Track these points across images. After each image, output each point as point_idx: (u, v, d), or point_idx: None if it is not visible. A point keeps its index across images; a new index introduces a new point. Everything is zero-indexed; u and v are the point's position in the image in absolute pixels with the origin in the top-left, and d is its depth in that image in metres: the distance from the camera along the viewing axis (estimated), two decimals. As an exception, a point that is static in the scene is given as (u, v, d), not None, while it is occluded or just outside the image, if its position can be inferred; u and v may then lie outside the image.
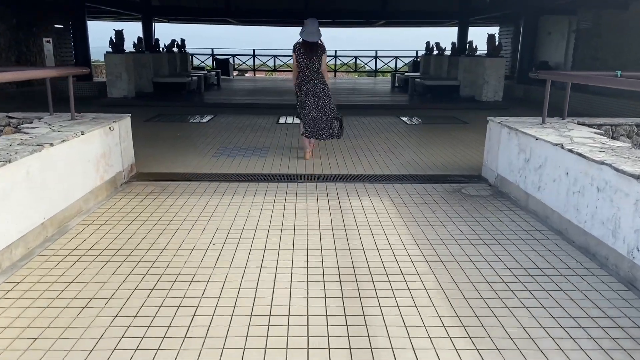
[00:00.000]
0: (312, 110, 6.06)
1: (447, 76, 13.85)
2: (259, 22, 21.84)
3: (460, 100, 11.98)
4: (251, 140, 7.41)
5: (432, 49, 16.60)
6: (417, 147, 6.97)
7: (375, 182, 5.20)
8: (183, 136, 7.60)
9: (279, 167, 5.79)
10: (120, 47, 10.82)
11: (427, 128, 8.66)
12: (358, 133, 8.10)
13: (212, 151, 6.59)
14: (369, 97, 13.23)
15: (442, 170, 5.70)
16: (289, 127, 8.58)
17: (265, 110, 10.59)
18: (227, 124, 8.88)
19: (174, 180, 5.16)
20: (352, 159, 6.26)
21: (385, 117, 9.97)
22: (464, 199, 4.64)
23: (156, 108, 10.50)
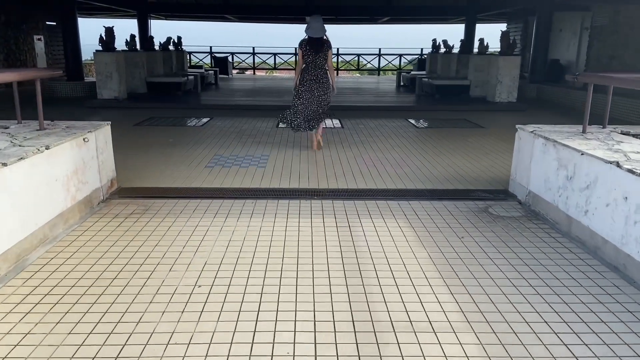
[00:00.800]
0: (307, 105, 6.36)
1: (456, 75, 13.21)
2: (258, 19, 21.19)
3: (471, 101, 11.34)
4: (249, 146, 6.78)
5: (438, 47, 15.93)
6: (431, 156, 6.33)
7: (388, 198, 4.57)
8: (175, 143, 6.97)
9: (280, 179, 5.17)
10: (110, 45, 10.20)
11: (439, 133, 8.02)
12: (365, 138, 7.47)
13: (205, 160, 5.97)
14: (374, 97, 12.60)
15: (463, 184, 5.07)
16: (290, 132, 7.94)
17: (264, 113, 9.95)
18: (224, 127, 8.25)
19: (160, 197, 4.53)
20: (360, 169, 5.64)
21: (392, 119, 9.33)
22: (493, 221, 4.01)
23: (149, 110, 9.87)
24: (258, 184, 5.00)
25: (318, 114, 6.40)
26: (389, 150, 6.65)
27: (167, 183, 5.00)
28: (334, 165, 5.82)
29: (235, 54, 21.84)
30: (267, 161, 5.97)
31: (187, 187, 4.85)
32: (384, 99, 12.25)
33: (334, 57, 21.75)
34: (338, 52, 21.93)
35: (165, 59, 14.19)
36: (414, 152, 6.54)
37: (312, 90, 6.29)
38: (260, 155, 6.24)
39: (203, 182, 5.03)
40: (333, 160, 6.07)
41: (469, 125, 8.72)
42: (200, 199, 4.47)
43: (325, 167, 5.70)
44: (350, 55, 23.06)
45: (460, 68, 13.09)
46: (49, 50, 16.50)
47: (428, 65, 15.98)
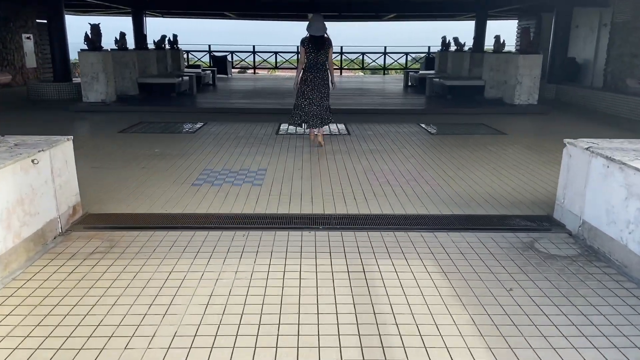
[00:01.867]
0: (309, 103, 6.45)
1: (469, 75, 12.37)
2: (259, 17, 20.37)
3: (487, 103, 10.51)
4: (245, 157, 5.98)
5: (448, 45, 15.12)
6: (452, 169, 5.52)
7: (408, 227, 3.77)
8: (161, 153, 6.17)
9: (278, 202, 4.37)
10: (97, 43, 9.40)
11: (456, 140, 7.20)
12: (374, 147, 6.66)
13: (193, 176, 5.17)
14: (381, 99, 11.78)
15: (495, 207, 4.26)
16: (291, 139, 7.14)
17: (263, 117, 9.16)
18: (218, 134, 7.45)
19: (132, 227, 3.74)
20: (371, 187, 4.83)
21: (402, 124, 8.51)
22: (543, 262, 3.20)
23: (138, 114, 9.07)
24: (252, 208, 4.20)
25: (322, 111, 6.53)
26: (402, 162, 5.84)
27: (144, 207, 4.21)
28: (341, 181, 5.02)
29: (235, 52, 21.04)
30: (264, 177, 5.17)
31: (167, 214, 4.05)
32: (392, 100, 11.44)
33: (338, 55, 20.93)
34: (342, 51, 21.12)
35: (159, 59, 13.39)
36: (432, 165, 5.73)
37: (314, 87, 6.44)
38: (256, 170, 5.44)
39: (186, 207, 4.23)
40: (340, 174, 5.27)
41: (488, 131, 7.89)
42: (181, 230, 3.67)
43: (331, 184, 4.90)
44: (354, 54, 22.23)
45: (473, 67, 12.26)
46: (38, 49, 15.73)
47: (437, 64, 15.16)
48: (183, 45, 21.39)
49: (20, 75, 14.84)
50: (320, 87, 6.45)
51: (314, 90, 6.42)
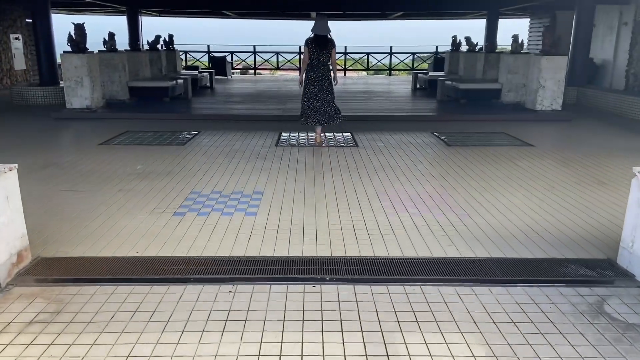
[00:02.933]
0: (314, 99, 6.64)
1: (483, 78, 11.57)
2: (259, 15, 19.59)
3: (505, 109, 9.71)
4: (239, 176, 5.21)
5: (459, 45, 14.33)
6: (479, 191, 4.74)
7: (438, 278, 2.99)
8: (143, 171, 5.41)
9: (275, 238, 3.60)
10: (81, 44, 8.65)
11: (478, 153, 6.41)
12: (386, 162, 5.88)
13: (176, 201, 4.41)
14: (390, 103, 10.99)
15: (540, 245, 3.48)
16: (292, 152, 6.37)
17: (263, 125, 8.39)
18: (211, 146, 6.68)
19: (90, 280, 2.98)
20: (387, 216, 4.05)
21: (415, 133, 7.73)
22: (623, 337, 2.42)
23: (125, 122, 8.32)
24: (243, 249, 3.44)
25: (329, 109, 6.73)
26: (420, 181, 5.06)
27: (112, 246, 3.44)
28: (350, 208, 4.24)
29: (234, 53, 20.27)
30: (260, 202, 4.39)
31: (138, 258, 3.28)
32: (401, 105, 10.64)
33: (342, 55, 20.17)
34: (346, 51, 20.33)
35: (153, 60, 12.63)
36: (454, 185, 4.94)
37: (318, 86, 6.63)
38: (251, 194, 4.67)
39: (163, 246, 3.46)
40: (349, 199, 4.49)
41: (511, 142, 7.10)
42: (152, 284, 2.91)
43: (339, 213, 4.12)
44: (359, 54, 21.43)
45: (487, 69, 11.46)
46: (28, 50, 15.00)
47: (447, 65, 14.36)
48: (181, 46, 20.64)
49: (8, 77, 14.11)
50: (325, 86, 6.65)
51: (320, 89, 6.64)
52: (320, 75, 6.59)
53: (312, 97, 6.65)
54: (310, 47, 6.53)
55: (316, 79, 6.60)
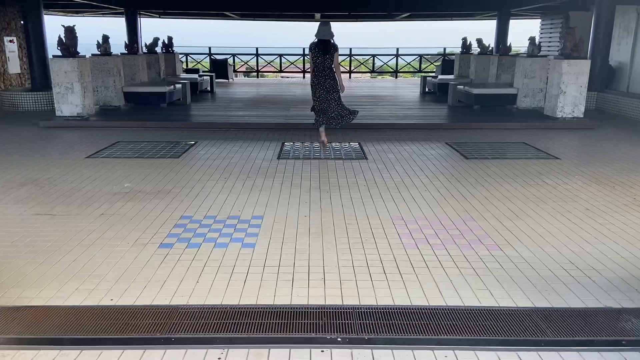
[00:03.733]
0: (322, 101, 6.72)
1: (496, 82, 11.00)
2: (262, 17, 19.07)
3: (522, 116, 9.14)
4: (236, 197, 4.68)
5: (469, 47, 13.77)
6: (507, 216, 4.18)
7: (475, 340, 2.44)
8: (131, 190, 4.88)
9: (276, 279, 3.06)
10: (72, 48, 8.13)
11: (499, 167, 5.86)
12: (399, 178, 5.33)
13: (164, 229, 3.87)
14: (398, 109, 10.42)
15: (589, 288, 2.93)
16: (295, 166, 5.83)
17: (264, 134, 7.86)
18: (207, 159, 6.15)
19: (51, 340, 2.45)
20: (405, 249, 3.50)
21: (427, 143, 7.19)
22: None
23: (117, 131, 7.80)
24: (238, 294, 2.90)
25: (339, 110, 6.78)
26: (439, 203, 4.51)
27: (83, 291, 2.91)
28: (362, 239, 3.69)
29: (236, 55, 19.75)
30: (259, 230, 3.85)
31: (110, 308, 2.75)
32: (411, 111, 10.08)
33: (347, 57, 19.65)
34: (351, 53, 19.78)
35: (151, 64, 12.13)
36: (479, 208, 4.39)
37: (323, 88, 6.70)
38: (249, 219, 4.13)
39: (143, 290, 2.92)
40: (361, 226, 3.94)
41: (534, 154, 6.53)
42: (124, 348, 2.38)
43: (349, 245, 3.58)
44: (364, 56, 20.89)
45: (501, 73, 10.88)
46: (23, 53, 14.49)
47: (457, 68, 13.79)
48: (182, 48, 20.21)
49: (2, 81, 13.62)
50: (330, 90, 6.72)
51: (324, 90, 6.71)
52: (325, 79, 6.72)
53: (319, 100, 6.79)
54: (314, 52, 6.71)
55: (322, 82, 6.73)
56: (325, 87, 6.67)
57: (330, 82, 6.69)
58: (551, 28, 17.48)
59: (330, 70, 6.71)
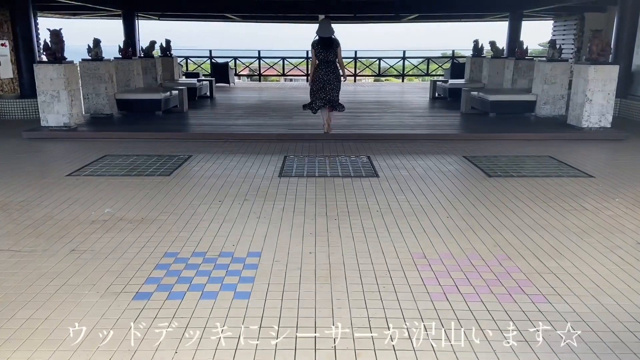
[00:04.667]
0: (320, 90, 7.26)
1: (511, 87, 10.35)
2: (264, 19, 18.49)
3: (543, 125, 8.50)
4: (230, 227, 4.07)
5: (481, 49, 13.14)
6: (547, 252, 3.56)
7: None
8: (112, 217, 4.28)
9: (275, 345, 2.45)
10: (58, 53, 7.55)
11: (528, 187, 5.22)
12: (415, 201, 4.70)
13: (143, 272, 3.26)
14: (408, 117, 9.78)
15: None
16: (299, 185, 5.22)
17: (265, 146, 7.25)
18: (201, 178, 5.55)
19: None
20: (432, 299, 2.88)
21: (443, 156, 6.58)
22: None
23: (107, 143, 7.22)
24: (226, 372, 2.28)
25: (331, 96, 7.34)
26: (467, 236, 3.88)
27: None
28: (379, 285, 3.07)
29: (238, 58, 19.16)
30: (256, 274, 3.24)
31: (61, 397, 2.14)
32: (422, 120, 9.44)
33: (352, 60, 19.05)
34: (356, 56, 19.16)
35: (147, 68, 11.56)
36: (513, 242, 3.76)
37: (327, 81, 7.23)
38: (245, 255, 3.52)
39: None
40: (376, 268, 3.32)
41: (564, 170, 5.89)
42: None
43: (364, 295, 2.95)
44: (370, 59, 20.27)
45: (517, 77, 10.25)
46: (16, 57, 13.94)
47: (468, 72, 13.16)
48: (182, 51, 19.67)
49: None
50: (332, 81, 7.27)
51: (327, 83, 7.25)
52: (327, 70, 7.22)
53: (319, 90, 7.26)
54: (317, 48, 7.17)
55: (325, 74, 7.22)
56: (325, 80, 7.20)
57: (331, 75, 7.21)
58: (564, 30, 16.83)
59: (333, 64, 7.22)
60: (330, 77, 7.22)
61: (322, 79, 7.23)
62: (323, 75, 7.22)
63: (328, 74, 7.21)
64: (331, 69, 7.21)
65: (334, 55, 7.15)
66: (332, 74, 7.23)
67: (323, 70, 7.21)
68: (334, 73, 7.24)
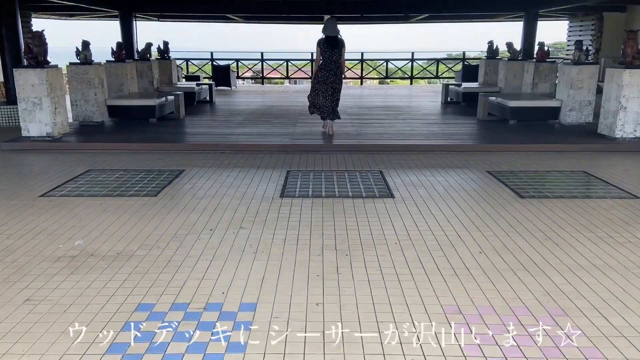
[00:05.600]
0: (323, 96, 7.30)
1: (532, 91, 9.64)
2: (267, 19, 17.84)
3: (569, 134, 7.80)
4: (221, 265, 3.39)
5: (495, 51, 12.44)
6: (612, 306, 2.87)
7: None
8: (81, 252, 3.61)
9: None
10: (40, 57, 6.91)
11: (568, 212, 4.53)
12: (440, 230, 4.02)
13: (107, 332, 2.59)
14: (420, 124, 9.08)
15: None
16: (303, 209, 4.55)
17: (266, 159, 6.59)
18: (192, 198, 4.89)
19: None
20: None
21: (464, 171, 5.90)
22: None
23: (92, 155, 6.57)
24: None
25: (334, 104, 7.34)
26: (507, 279, 3.19)
27: None
28: (405, 356, 2.40)
29: (240, 60, 18.51)
30: (249, 337, 2.56)
31: None
32: (436, 127, 8.73)
33: (358, 62, 18.39)
34: (362, 58, 18.49)
35: (143, 72, 10.92)
36: (565, 288, 3.07)
37: (329, 83, 7.17)
38: (237, 309, 2.84)
39: None
40: (400, 328, 2.64)
41: (604, 189, 5.18)
42: None
43: (387, 372, 2.28)
44: (377, 61, 19.60)
45: (539, 82, 9.54)
46: (8, 60, 13.34)
47: (482, 75, 12.45)
48: (183, 53, 19.06)
49: (-19, 92, 12.47)
50: (334, 83, 7.27)
51: (329, 86, 7.23)
52: (330, 73, 7.20)
53: (320, 94, 7.24)
54: (322, 47, 7.15)
55: (327, 76, 7.21)
56: (330, 82, 7.17)
57: (335, 77, 7.19)
58: (580, 30, 16.12)
59: (337, 65, 7.20)
60: (335, 80, 7.25)
61: (327, 81, 7.21)
62: (328, 77, 7.22)
63: (332, 76, 7.21)
64: (335, 70, 7.22)
65: (338, 55, 7.16)
66: (336, 76, 7.24)
67: (327, 72, 7.21)
68: (337, 75, 7.26)
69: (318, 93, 7.28)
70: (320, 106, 7.34)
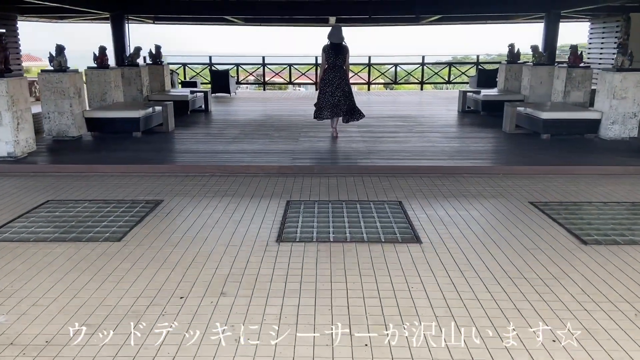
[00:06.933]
0: (331, 96, 7.49)
1: (563, 100, 8.58)
2: (268, 21, 16.84)
3: (615, 151, 6.73)
4: (207, 344, 2.37)
5: (516, 55, 11.40)
6: None
7: None
8: (1, 334, 2.60)
9: None
10: (1, 65, 5.92)
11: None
12: (488, 297, 2.99)
13: None
14: (439, 139, 8.02)
15: None
16: (306, 259, 3.53)
17: (263, 184, 5.57)
18: (165, 244, 3.87)
19: None
20: None
21: (503, 204, 4.86)
22: None
23: (58, 180, 5.57)
24: None
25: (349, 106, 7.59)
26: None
27: None
28: None
29: (240, 65, 17.52)
30: None
31: None
32: (458, 144, 7.58)
33: (366, 67, 17.38)
34: (370, 62, 17.46)
35: (131, 79, 9.94)
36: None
37: (335, 84, 7.45)
38: None
39: None
40: None
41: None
42: None
43: None
44: (385, 65, 18.57)
45: (570, 89, 8.47)
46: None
47: (502, 81, 11.41)
48: (179, 57, 18.10)
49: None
50: (342, 85, 7.47)
51: (337, 87, 7.44)
52: (335, 75, 7.46)
53: (328, 95, 7.47)
54: (328, 53, 7.43)
55: (333, 79, 7.47)
56: (335, 84, 7.41)
57: (340, 80, 7.44)
58: (603, 32, 15.04)
59: (341, 69, 7.48)
60: (340, 81, 7.43)
61: (332, 82, 7.44)
62: (332, 79, 7.45)
63: (337, 78, 7.44)
64: (339, 73, 7.46)
65: (342, 60, 7.45)
66: (340, 79, 7.45)
67: (332, 74, 7.46)
68: (342, 78, 7.46)
69: (325, 94, 7.50)
70: (330, 105, 7.49)
